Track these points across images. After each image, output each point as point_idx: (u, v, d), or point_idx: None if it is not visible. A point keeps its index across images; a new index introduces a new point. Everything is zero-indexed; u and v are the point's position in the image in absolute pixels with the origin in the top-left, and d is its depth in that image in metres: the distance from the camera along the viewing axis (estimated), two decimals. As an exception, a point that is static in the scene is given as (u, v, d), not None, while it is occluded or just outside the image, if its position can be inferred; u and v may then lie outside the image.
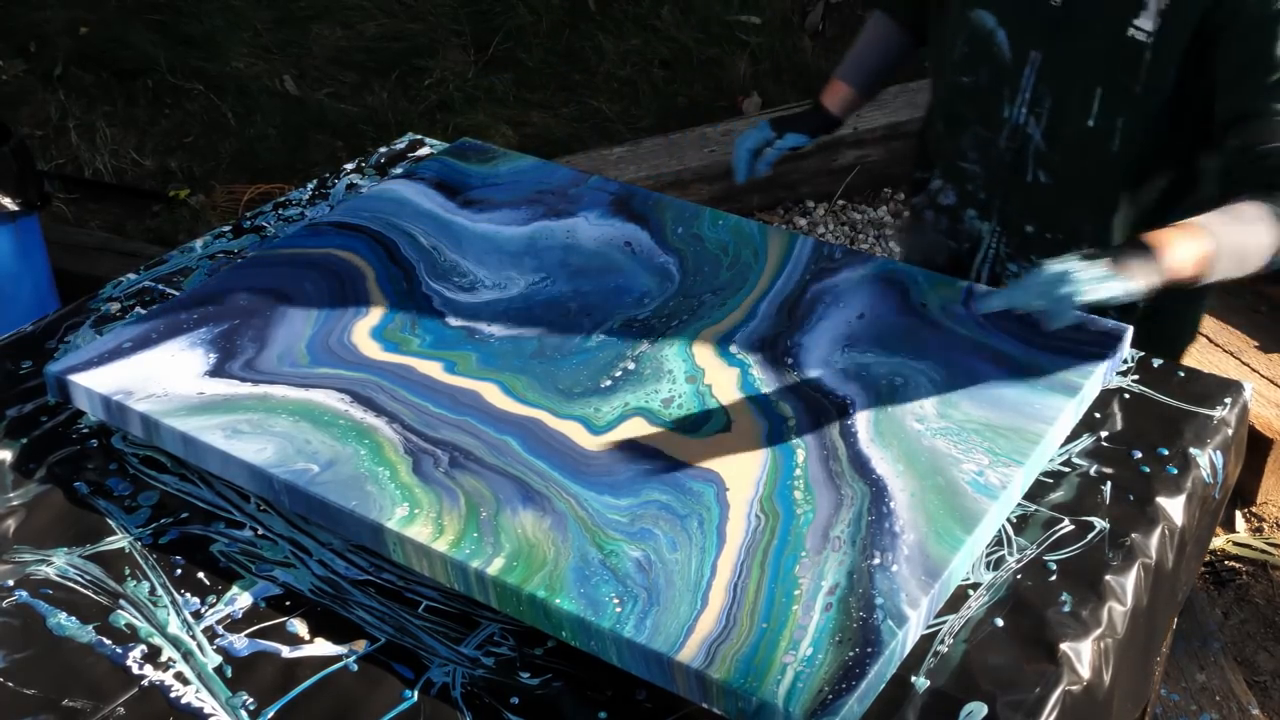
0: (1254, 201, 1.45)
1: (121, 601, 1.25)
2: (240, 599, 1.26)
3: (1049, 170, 1.69)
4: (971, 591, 1.23)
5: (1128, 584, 1.24)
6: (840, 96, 1.92)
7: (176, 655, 1.20)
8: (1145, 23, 1.55)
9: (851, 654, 1.09)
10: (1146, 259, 1.37)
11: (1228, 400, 1.48)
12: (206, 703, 1.15)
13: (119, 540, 1.33)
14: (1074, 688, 1.14)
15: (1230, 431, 1.46)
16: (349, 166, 2.02)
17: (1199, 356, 2.56)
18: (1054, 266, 1.36)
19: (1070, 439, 1.41)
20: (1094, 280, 1.34)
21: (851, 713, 1.06)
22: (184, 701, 1.15)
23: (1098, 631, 1.19)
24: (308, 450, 1.32)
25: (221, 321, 1.53)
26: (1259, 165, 1.48)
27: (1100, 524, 1.30)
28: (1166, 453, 1.40)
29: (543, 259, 1.65)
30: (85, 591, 1.27)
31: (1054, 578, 1.24)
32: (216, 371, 1.45)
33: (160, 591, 1.27)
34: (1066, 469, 1.38)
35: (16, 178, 2.47)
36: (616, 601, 1.14)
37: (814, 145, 1.94)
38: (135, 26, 4.29)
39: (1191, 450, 1.40)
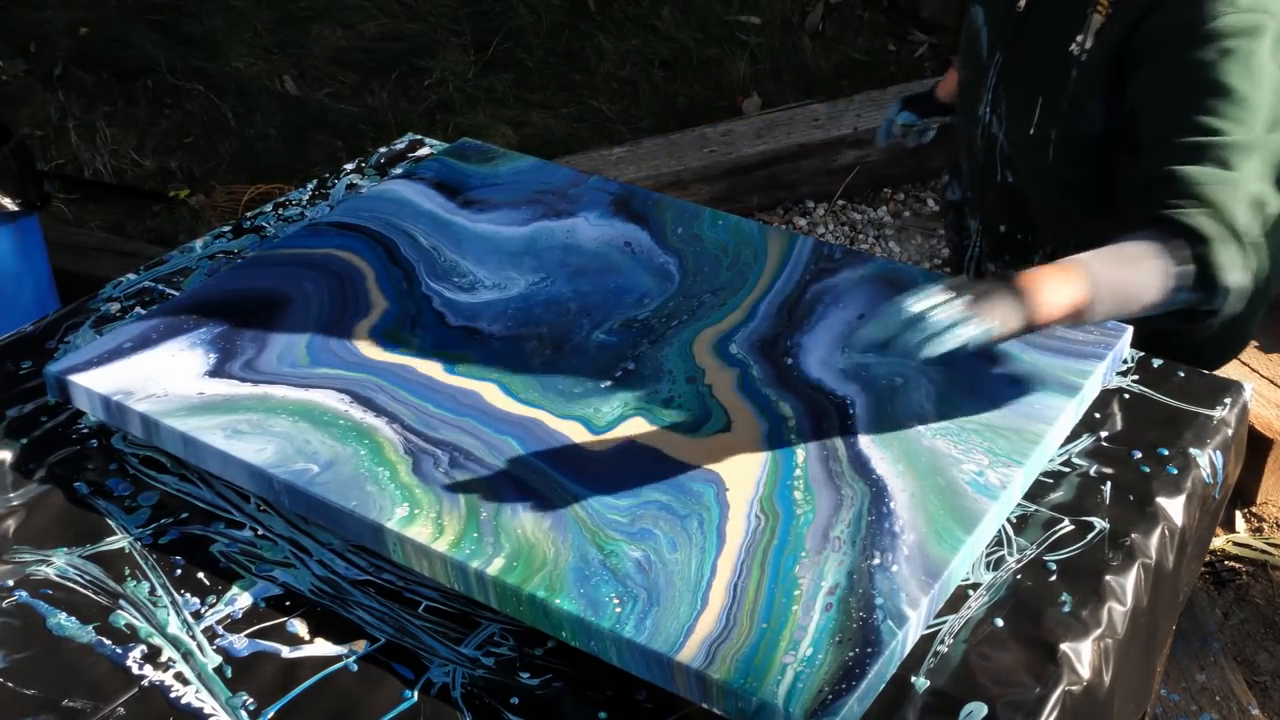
0: (1147, 237, 1.35)
1: (121, 601, 1.25)
2: (240, 599, 1.26)
3: (1013, 171, 1.70)
4: (971, 591, 1.22)
5: (1128, 584, 1.24)
6: (952, 84, 1.97)
7: (176, 655, 1.20)
8: (1084, 40, 1.54)
9: (851, 654, 1.09)
10: (1014, 300, 1.24)
11: (1228, 400, 1.48)
12: (206, 703, 1.15)
13: (119, 540, 1.33)
14: (1074, 688, 1.14)
15: (1230, 431, 1.46)
16: (349, 166, 2.02)
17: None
18: (910, 304, 1.21)
19: (1070, 439, 1.41)
20: (949, 325, 1.19)
21: (851, 713, 1.06)
22: (184, 702, 1.15)
23: (1098, 632, 1.19)
24: (307, 450, 1.32)
25: (221, 321, 1.53)
26: (1148, 195, 1.41)
27: (1100, 524, 1.30)
28: (1166, 453, 1.40)
29: (542, 259, 1.65)
30: (85, 591, 1.27)
31: (1054, 578, 1.24)
32: (216, 372, 1.45)
33: (160, 592, 1.27)
34: (1066, 469, 1.37)
35: (16, 178, 2.47)
36: (616, 601, 1.14)
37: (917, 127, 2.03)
38: (135, 26, 4.29)
39: (1191, 450, 1.40)
